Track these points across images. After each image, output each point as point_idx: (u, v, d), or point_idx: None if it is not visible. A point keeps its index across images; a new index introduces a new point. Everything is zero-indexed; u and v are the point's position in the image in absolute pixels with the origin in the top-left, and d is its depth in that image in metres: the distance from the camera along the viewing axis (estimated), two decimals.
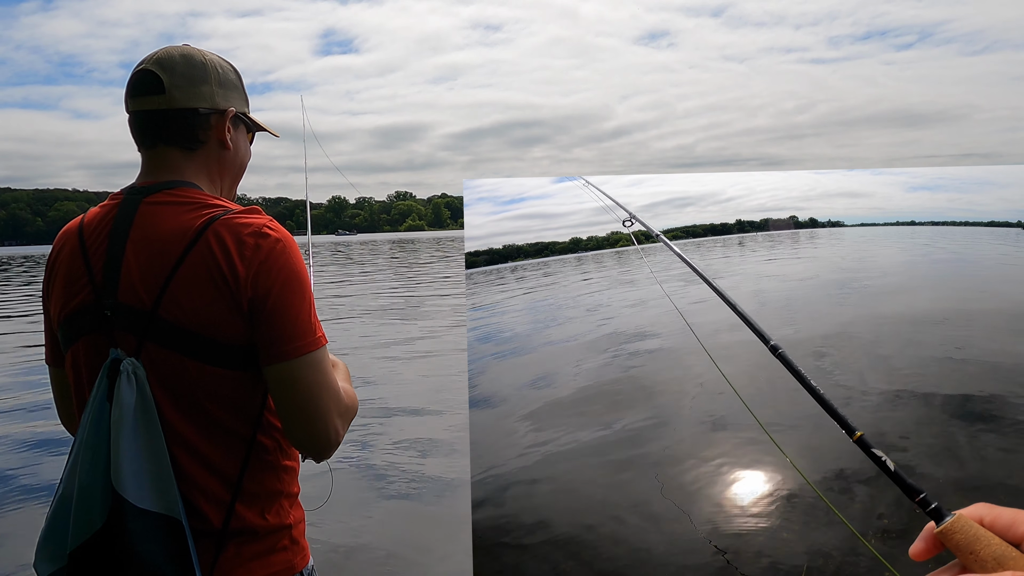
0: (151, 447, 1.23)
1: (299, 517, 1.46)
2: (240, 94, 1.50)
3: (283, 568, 1.39)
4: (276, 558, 1.37)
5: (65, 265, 1.37)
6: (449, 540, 4.24)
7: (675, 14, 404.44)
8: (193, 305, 1.25)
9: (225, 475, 1.32)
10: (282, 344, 1.28)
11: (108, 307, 1.28)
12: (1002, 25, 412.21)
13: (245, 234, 1.27)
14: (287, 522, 1.41)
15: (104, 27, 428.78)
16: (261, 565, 1.34)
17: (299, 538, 1.46)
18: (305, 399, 1.28)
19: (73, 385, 1.39)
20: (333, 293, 20.44)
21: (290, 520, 1.42)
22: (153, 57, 1.40)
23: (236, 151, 1.50)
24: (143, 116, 1.41)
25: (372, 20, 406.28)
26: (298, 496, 1.47)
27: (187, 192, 1.36)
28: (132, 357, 1.26)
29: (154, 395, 1.27)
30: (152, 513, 1.22)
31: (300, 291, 1.30)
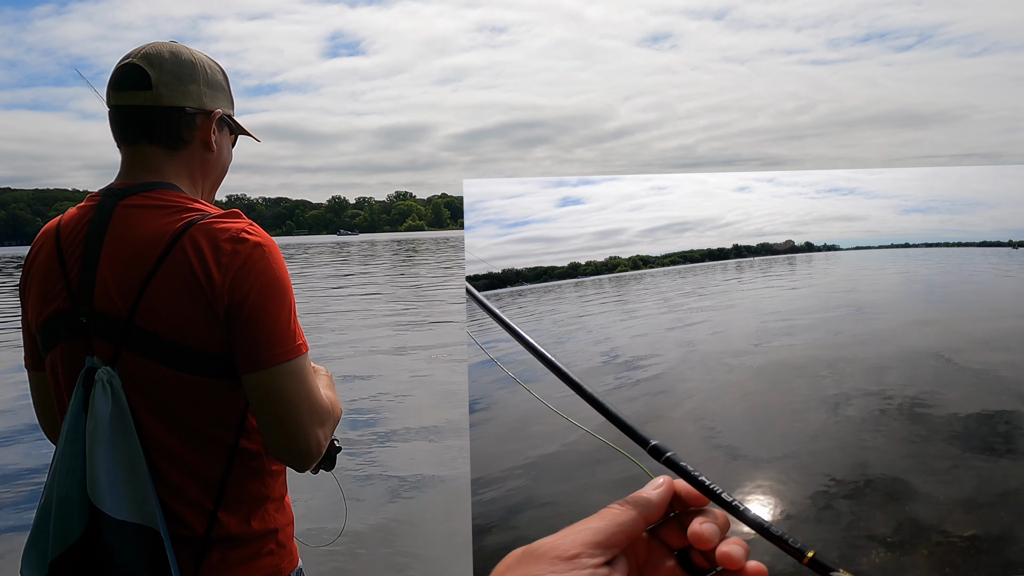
0: (128, 457, 1.22)
1: (286, 521, 1.46)
2: (226, 96, 1.46)
3: (270, 572, 1.39)
4: (262, 563, 1.37)
5: (42, 268, 1.33)
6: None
7: (678, 17, 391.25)
8: (169, 313, 1.23)
9: (208, 482, 1.31)
10: (260, 352, 1.26)
11: (83, 314, 1.25)
12: (1001, 27, 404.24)
13: (222, 239, 1.25)
14: (272, 527, 1.40)
15: (116, 30, 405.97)
16: (246, 570, 1.34)
17: (286, 542, 1.45)
18: (284, 408, 1.26)
19: (53, 390, 1.37)
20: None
21: (275, 525, 1.41)
22: (140, 52, 1.35)
23: (219, 153, 1.47)
24: (127, 111, 1.36)
25: (380, 23, 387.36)
26: (285, 499, 1.46)
27: (165, 194, 1.32)
28: (108, 366, 1.24)
29: (132, 403, 1.25)
30: (130, 524, 1.21)
31: (279, 297, 1.28)
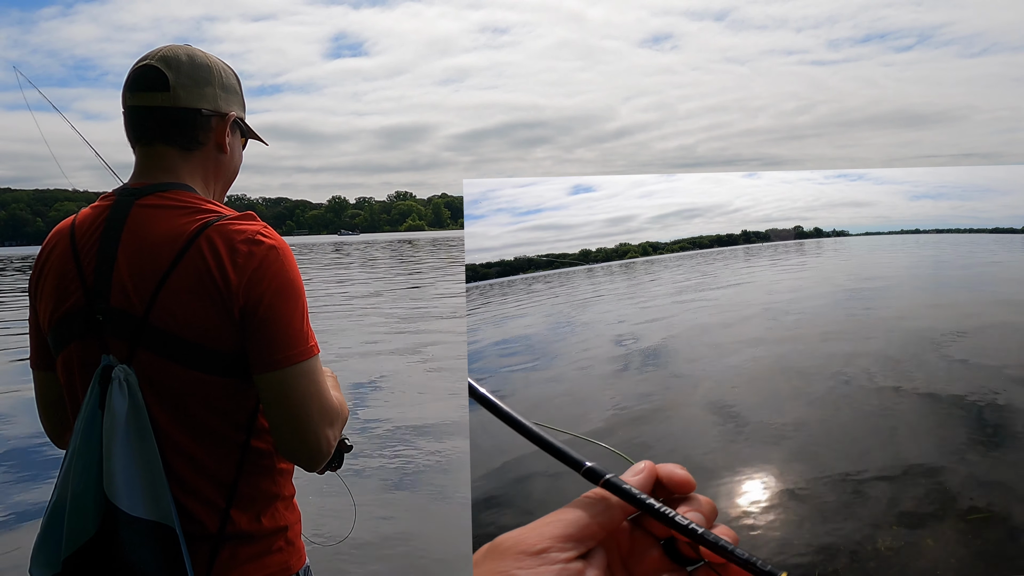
0: (143, 455, 1.23)
1: (294, 519, 1.47)
2: (239, 99, 1.48)
3: (279, 569, 1.40)
4: (272, 559, 1.38)
5: (56, 266, 1.35)
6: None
7: (679, 18, 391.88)
8: (184, 312, 1.25)
9: (220, 480, 1.32)
10: (274, 353, 1.27)
11: (100, 312, 1.27)
12: (1001, 28, 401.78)
13: (238, 241, 1.26)
14: (281, 524, 1.41)
15: (120, 31, 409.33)
16: (257, 567, 1.35)
17: (294, 539, 1.46)
18: (296, 408, 1.27)
19: (65, 389, 1.38)
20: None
21: (285, 522, 1.42)
22: (157, 54, 1.37)
23: (232, 156, 1.49)
24: (144, 112, 1.38)
25: (383, 24, 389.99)
26: (293, 498, 1.47)
27: (180, 195, 1.34)
28: (124, 364, 1.26)
29: (147, 401, 1.27)
30: (145, 521, 1.22)
31: (293, 299, 1.30)
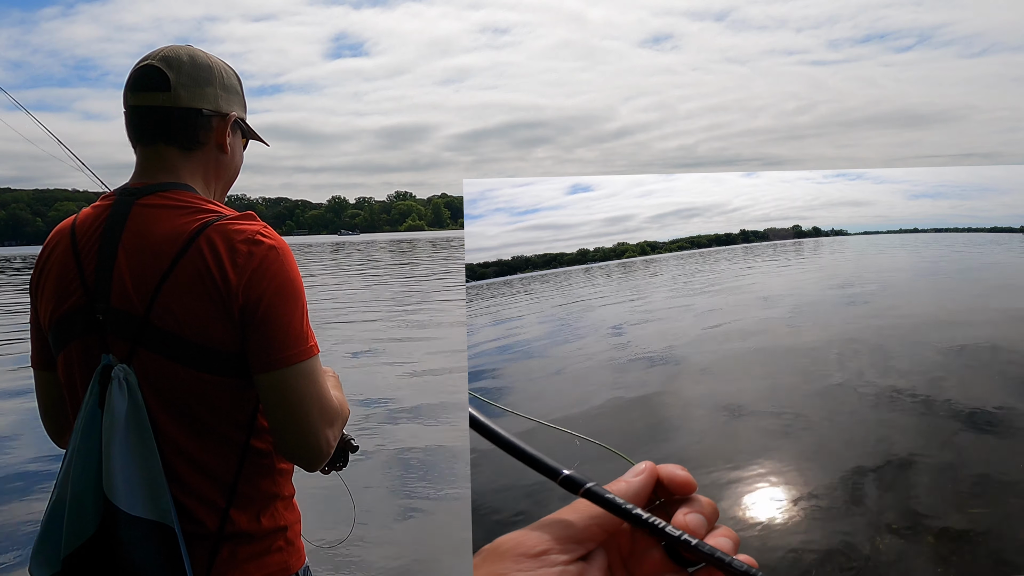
0: (143, 454, 1.23)
1: (294, 519, 1.47)
2: (240, 99, 1.48)
3: (278, 569, 1.40)
4: (271, 559, 1.38)
5: (57, 265, 1.35)
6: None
7: (680, 18, 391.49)
8: (184, 311, 1.25)
9: (220, 479, 1.32)
10: (273, 352, 1.27)
11: (100, 311, 1.27)
12: (1000, 28, 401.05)
13: (238, 241, 1.26)
14: (281, 524, 1.41)
15: (121, 31, 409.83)
16: (256, 567, 1.35)
17: (294, 539, 1.46)
18: (296, 408, 1.27)
19: (66, 388, 1.38)
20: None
21: (284, 522, 1.42)
22: (159, 54, 1.37)
23: (233, 156, 1.50)
24: (144, 112, 1.39)
25: (383, 24, 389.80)
26: (293, 498, 1.47)
27: (181, 195, 1.34)
28: (124, 363, 1.26)
29: (147, 401, 1.27)
30: (144, 520, 1.22)
31: (293, 299, 1.30)
